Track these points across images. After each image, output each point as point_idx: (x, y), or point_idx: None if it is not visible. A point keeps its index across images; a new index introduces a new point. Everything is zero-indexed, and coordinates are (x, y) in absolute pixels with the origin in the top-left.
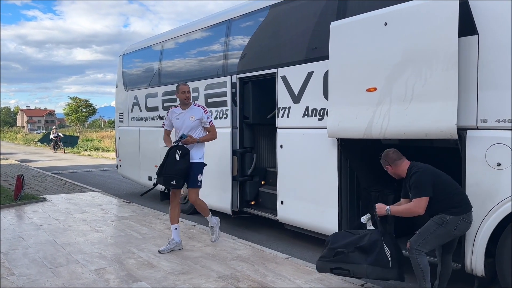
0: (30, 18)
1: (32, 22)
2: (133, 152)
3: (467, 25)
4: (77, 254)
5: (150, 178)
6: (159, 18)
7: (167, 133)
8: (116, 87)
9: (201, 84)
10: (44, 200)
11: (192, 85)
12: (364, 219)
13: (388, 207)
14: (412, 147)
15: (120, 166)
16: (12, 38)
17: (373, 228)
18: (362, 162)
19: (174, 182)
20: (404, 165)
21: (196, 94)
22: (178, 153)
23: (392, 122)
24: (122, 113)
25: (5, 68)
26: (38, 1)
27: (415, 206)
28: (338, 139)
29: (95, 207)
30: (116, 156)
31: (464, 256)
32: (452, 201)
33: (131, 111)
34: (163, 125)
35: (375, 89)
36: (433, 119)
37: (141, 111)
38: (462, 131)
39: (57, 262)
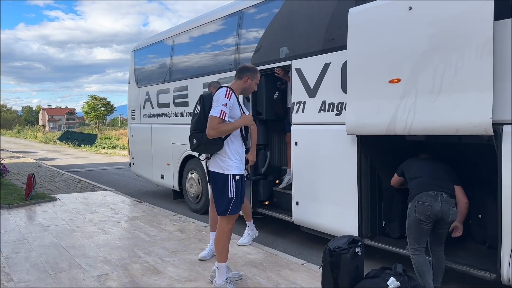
0: (53, 19)
1: (55, 23)
2: (145, 149)
3: (503, 7)
4: (81, 258)
5: (162, 176)
6: (178, 17)
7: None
8: (128, 83)
9: (211, 79)
10: (55, 199)
11: (203, 80)
12: (391, 285)
13: None
14: (438, 144)
15: (133, 164)
16: (36, 38)
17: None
18: (384, 161)
19: None
20: None
21: (207, 89)
22: None
23: (418, 117)
24: (134, 110)
25: (28, 68)
26: (60, 2)
27: (392, 179)
28: (357, 136)
29: (105, 207)
30: (129, 154)
31: (500, 267)
32: (410, 187)
33: (143, 108)
34: (224, 115)
35: (398, 80)
36: (465, 113)
37: (152, 108)
38: (497, 126)
39: (59, 267)
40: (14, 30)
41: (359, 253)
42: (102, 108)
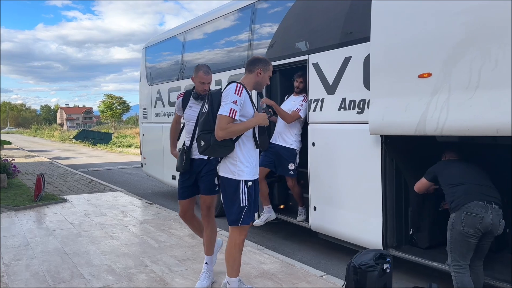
0: (71, 19)
1: (72, 23)
2: (157, 149)
3: None
4: (84, 266)
5: (174, 177)
6: (194, 15)
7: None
8: (140, 81)
9: (224, 76)
10: (64, 201)
11: (215, 77)
12: None
13: None
14: (469, 145)
15: (145, 164)
16: (54, 39)
17: None
18: (411, 163)
19: None
20: None
21: (219, 86)
22: None
23: (452, 115)
24: (146, 109)
25: (47, 68)
26: (77, 2)
27: (416, 183)
28: (382, 136)
29: (115, 209)
30: (141, 153)
31: None
32: (452, 195)
33: (155, 107)
34: (234, 114)
35: (429, 74)
36: (506, 111)
37: (164, 106)
38: None
39: (60, 277)
40: (33, 30)
41: (388, 270)
42: (118, 107)
